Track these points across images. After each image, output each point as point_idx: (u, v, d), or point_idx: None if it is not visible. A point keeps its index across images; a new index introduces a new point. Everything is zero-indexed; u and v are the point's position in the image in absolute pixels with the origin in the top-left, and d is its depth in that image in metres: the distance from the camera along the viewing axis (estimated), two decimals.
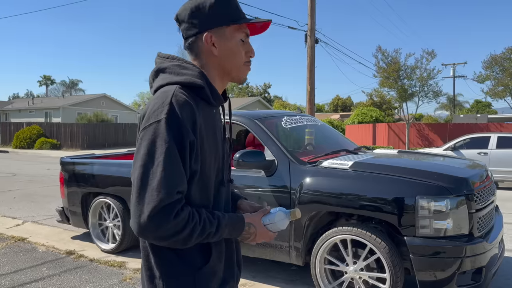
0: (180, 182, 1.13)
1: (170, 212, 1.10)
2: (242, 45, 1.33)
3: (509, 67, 19.93)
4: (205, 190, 1.26)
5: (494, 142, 11.28)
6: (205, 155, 1.23)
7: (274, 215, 1.38)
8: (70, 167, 5.21)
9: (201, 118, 1.22)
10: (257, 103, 41.41)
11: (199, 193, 1.24)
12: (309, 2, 14.60)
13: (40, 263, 4.47)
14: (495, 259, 3.31)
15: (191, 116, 1.17)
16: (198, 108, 1.22)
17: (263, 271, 4.22)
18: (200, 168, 1.22)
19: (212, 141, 1.27)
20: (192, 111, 1.18)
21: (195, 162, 1.19)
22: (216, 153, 1.30)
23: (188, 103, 1.18)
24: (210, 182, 1.28)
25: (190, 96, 1.22)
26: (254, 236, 1.34)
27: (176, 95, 1.19)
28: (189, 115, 1.17)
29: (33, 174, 13.01)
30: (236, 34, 1.31)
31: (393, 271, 3.11)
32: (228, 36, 1.30)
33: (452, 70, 38.07)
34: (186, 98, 1.19)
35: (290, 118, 4.37)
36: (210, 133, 1.27)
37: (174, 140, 1.13)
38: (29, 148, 27.63)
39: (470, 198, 3.11)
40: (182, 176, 1.14)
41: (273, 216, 1.38)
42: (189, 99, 1.20)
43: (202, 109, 1.24)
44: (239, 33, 1.32)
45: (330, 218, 3.59)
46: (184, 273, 1.22)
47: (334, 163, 3.54)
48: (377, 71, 22.07)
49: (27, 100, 47.67)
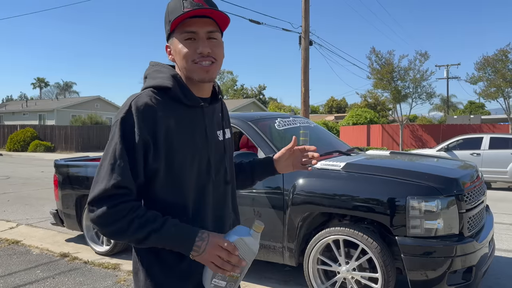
0: (122, 178, 1.19)
1: (107, 203, 1.18)
2: (190, 45, 1.29)
3: (501, 68, 20.11)
4: (178, 190, 1.28)
5: (486, 143, 11.39)
6: (173, 154, 1.26)
7: (235, 230, 1.23)
8: (64, 169, 5.21)
9: (172, 118, 1.27)
10: (252, 104, 41.45)
11: (170, 192, 1.27)
12: (303, 5, 14.68)
13: (34, 266, 4.47)
14: (485, 258, 3.35)
15: (150, 117, 1.22)
16: (166, 109, 1.26)
17: (257, 271, 4.24)
18: (169, 167, 1.26)
19: (188, 141, 1.29)
20: (151, 112, 1.23)
21: (154, 160, 1.24)
22: (195, 152, 1.30)
23: (147, 105, 1.24)
24: (185, 182, 1.28)
25: (159, 98, 1.27)
26: (203, 249, 1.18)
27: (137, 98, 1.25)
28: (147, 116, 1.22)
29: (27, 177, 12.96)
30: (179, 35, 1.30)
31: (385, 270, 3.14)
32: (175, 39, 1.31)
33: (446, 71, 38.35)
34: (148, 100, 1.25)
35: (283, 120, 4.40)
36: (186, 132, 1.29)
37: (123, 140, 1.21)
38: (23, 151, 27.51)
39: (460, 198, 3.16)
40: (125, 173, 1.20)
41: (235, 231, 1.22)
42: (153, 101, 1.25)
43: (174, 110, 1.28)
44: (181, 33, 1.29)
45: (323, 219, 3.62)
46: (159, 269, 1.28)
47: (327, 164, 3.58)
48: (371, 73, 22.19)
49: (20, 102, 47.41)
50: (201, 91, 1.36)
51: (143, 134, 1.21)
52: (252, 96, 55.34)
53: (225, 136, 1.45)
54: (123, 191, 1.20)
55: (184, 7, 1.25)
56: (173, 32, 1.31)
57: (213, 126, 1.39)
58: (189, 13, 1.24)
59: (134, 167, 1.22)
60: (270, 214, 3.61)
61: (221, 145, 1.42)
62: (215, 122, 1.41)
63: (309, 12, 14.74)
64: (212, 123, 1.40)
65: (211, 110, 1.41)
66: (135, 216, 1.19)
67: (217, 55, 1.32)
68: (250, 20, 14.89)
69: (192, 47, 1.28)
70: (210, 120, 1.38)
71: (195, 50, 1.28)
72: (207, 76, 1.30)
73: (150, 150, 1.23)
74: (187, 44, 1.28)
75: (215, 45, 1.31)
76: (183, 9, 1.25)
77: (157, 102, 1.26)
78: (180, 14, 1.24)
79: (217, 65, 1.33)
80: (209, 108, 1.39)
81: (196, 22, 1.27)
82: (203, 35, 1.29)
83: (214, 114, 1.42)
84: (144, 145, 1.22)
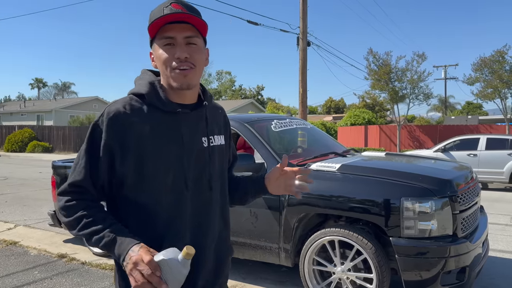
0: (80, 179, 1.28)
1: (64, 198, 1.29)
2: (169, 50, 1.29)
3: (498, 69, 20.18)
4: (149, 194, 1.30)
5: (483, 143, 11.45)
6: (144, 160, 1.28)
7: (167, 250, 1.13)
8: (61, 170, 5.23)
9: (147, 124, 1.30)
10: (250, 105, 41.47)
11: (140, 196, 1.30)
12: (301, 6, 14.72)
13: (32, 267, 4.49)
14: (479, 259, 3.39)
15: (119, 124, 1.27)
16: (142, 115, 1.30)
17: (253, 272, 4.27)
18: (138, 172, 1.29)
19: (162, 147, 1.30)
20: (121, 119, 1.28)
21: (121, 165, 1.29)
22: (168, 159, 1.31)
23: (117, 111, 1.28)
24: (156, 188, 1.30)
25: (138, 104, 1.32)
26: (131, 266, 1.14)
27: (110, 106, 1.31)
28: (116, 123, 1.27)
29: (25, 178, 12.97)
30: (159, 41, 1.31)
31: (380, 271, 3.18)
32: (155, 45, 1.33)
33: (444, 72, 38.43)
34: (120, 107, 1.29)
35: (279, 122, 4.43)
36: (160, 138, 1.31)
37: (89, 144, 1.30)
38: (21, 152, 27.49)
39: (454, 199, 3.20)
40: (84, 173, 1.28)
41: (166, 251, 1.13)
42: (126, 107, 1.29)
43: (150, 116, 1.31)
44: (161, 39, 1.30)
45: (318, 220, 3.65)
46: None
47: (322, 165, 3.61)
48: (368, 74, 22.24)
49: (18, 103, 47.35)
50: (182, 97, 1.36)
51: (108, 139, 1.27)
52: (250, 97, 55.37)
53: (210, 143, 1.42)
54: (79, 189, 1.29)
55: (164, 13, 1.27)
56: (154, 38, 1.33)
57: (194, 133, 1.38)
58: (165, 18, 1.26)
59: (94, 170, 1.29)
60: (266, 215, 3.64)
61: (204, 152, 1.39)
62: (199, 128, 1.40)
63: (307, 13, 14.78)
64: (194, 129, 1.38)
65: (194, 116, 1.39)
66: (84, 215, 1.26)
67: (196, 61, 1.31)
68: (248, 21, 14.92)
69: (171, 53, 1.29)
70: (191, 126, 1.37)
71: (173, 56, 1.28)
72: (185, 81, 1.30)
73: (117, 155, 1.28)
74: (166, 50, 1.29)
75: (194, 51, 1.31)
76: (163, 15, 1.27)
77: (133, 108, 1.30)
78: (156, 18, 1.26)
79: (196, 70, 1.32)
80: (191, 114, 1.37)
81: (174, 27, 1.28)
82: (181, 41, 1.29)
83: (200, 120, 1.41)
84: (109, 150, 1.28)
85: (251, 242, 3.74)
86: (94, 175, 1.29)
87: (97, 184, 1.30)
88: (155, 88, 1.34)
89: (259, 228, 3.69)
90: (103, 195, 1.34)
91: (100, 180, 1.30)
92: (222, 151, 1.49)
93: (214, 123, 1.48)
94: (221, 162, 1.48)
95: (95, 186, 1.30)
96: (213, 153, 1.43)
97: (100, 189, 1.31)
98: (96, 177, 1.29)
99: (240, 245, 3.78)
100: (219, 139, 1.48)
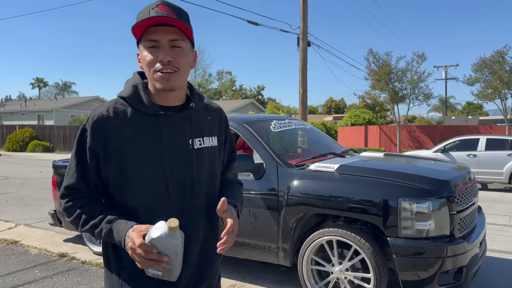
0: (72, 182, 1.36)
1: (64, 200, 1.37)
2: (153, 52, 1.30)
3: (498, 70, 20.19)
4: (132, 196, 1.34)
5: (483, 144, 11.46)
6: (125, 161, 1.32)
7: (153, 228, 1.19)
8: (62, 170, 5.25)
9: (129, 127, 1.32)
10: (251, 105, 41.49)
11: (124, 196, 1.35)
12: (302, 6, 14.73)
13: (32, 266, 4.52)
14: (476, 259, 3.41)
15: (101, 127, 1.32)
16: (125, 118, 1.33)
17: (252, 272, 4.30)
18: (120, 173, 1.33)
19: (143, 148, 1.32)
20: (103, 123, 1.32)
21: (104, 167, 1.34)
22: (149, 161, 1.32)
23: (100, 115, 1.33)
24: (139, 190, 1.33)
25: (123, 107, 1.35)
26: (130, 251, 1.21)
27: (95, 110, 1.37)
28: (99, 126, 1.32)
29: (26, 177, 13.00)
30: (144, 43, 1.31)
31: (377, 271, 3.20)
32: (141, 47, 1.33)
33: (444, 72, 38.41)
34: (103, 111, 1.33)
35: (279, 122, 4.46)
36: (142, 140, 1.33)
37: (77, 148, 1.37)
38: (21, 151, 27.52)
39: (451, 200, 3.22)
40: (75, 177, 1.35)
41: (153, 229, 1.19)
42: (109, 110, 1.33)
43: (133, 119, 1.34)
44: (146, 41, 1.31)
45: (317, 220, 3.68)
46: (115, 265, 1.38)
47: (321, 166, 3.64)
48: (369, 74, 22.25)
49: (19, 102, 47.39)
50: (167, 99, 1.37)
51: (93, 143, 1.33)
52: (250, 97, 55.38)
53: (197, 145, 1.40)
54: (74, 191, 1.36)
55: (149, 15, 1.27)
56: (140, 40, 1.33)
57: (178, 135, 1.37)
58: (149, 20, 1.26)
59: (85, 172, 1.35)
60: (265, 215, 3.67)
61: (190, 154, 1.38)
62: (185, 130, 1.39)
63: (307, 14, 14.80)
64: (179, 131, 1.37)
65: (179, 118, 1.38)
66: (82, 212, 1.33)
67: (180, 64, 1.31)
68: (249, 21, 14.95)
69: (155, 55, 1.29)
70: (175, 128, 1.36)
71: (157, 58, 1.29)
72: (168, 84, 1.30)
73: (100, 158, 1.33)
74: (150, 52, 1.30)
75: (178, 54, 1.30)
76: (148, 16, 1.27)
77: (116, 111, 1.33)
78: (141, 20, 1.26)
79: (180, 73, 1.32)
80: (175, 116, 1.36)
81: (158, 30, 1.28)
82: (165, 44, 1.29)
83: (186, 122, 1.39)
84: (94, 153, 1.33)
85: (250, 241, 3.77)
86: (85, 177, 1.35)
87: (90, 184, 1.36)
88: (138, 91, 1.36)
89: (258, 228, 3.71)
90: (98, 193, 1.39)
91: (92, 180, 1.36)
92: (213, 153, 1.47)
93: (203, 124, 1.45)
94: (211, 164, 1.46)
95: (88, 186, 1.36)
96: (200, 155, 1.41)
97: (94, 188, 1.37)
98: (88, 178, 1.35)
99: (239, 245, 3.81)
100: (209, 140, 1.46)
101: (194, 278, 1.40)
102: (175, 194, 1.35)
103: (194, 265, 1.40)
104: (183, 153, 1.37)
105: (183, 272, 1.28)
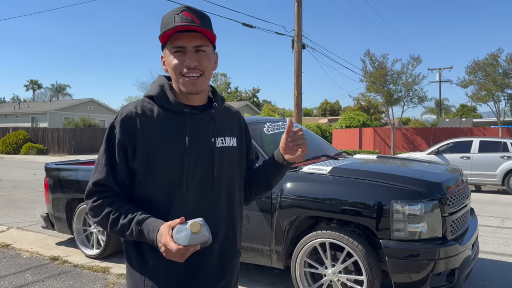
0: (101, 177, 1.37)
1: (91, 198, 1.38)
2: (179, 57, 1.36)
3: (491, 72, 20.32)
4: (160, 190, 1.37)
5: (476, 146, 11.52)
6: (149, 156, 1.35)
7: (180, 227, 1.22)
8: (54, 173, 5.23)
9: (156, 123, 1.38)
10: (246, 107, 41.51)
11: (153, 191, 1.37)
12: (296, 9, 14.77)
13: (24, 269, 4.48)
14: (468, 261, 3.42)
15: (130, 123, 1.36)
16: (152, 115, 1.39)
17: (246, 274, 4.28)
18: (148, 168, 1.36)
19: (167, 145, 1.37)
20: (132, 119, 1.36)
21: (132, 161, 1.37)
22: (172, 156, 1.36)
23: (129, 112, 1.38)
24: (169, 183, 1.36)
25: (150, 105, 1.41)
26: (163, 248, 1.23)
27: (124, 107, 1.41)
28: (128, 122, 1.36)
29: (19, 180, 12.91)
30: (169, 48, 1.38)
31: (370, 273, 3.20)
32: (166, 51, 1.40)
33: (438, 74, 38.60)
34: (132, 108, 1.39)
35: (272, 124, 4.46)
36: (167, 137, 1.37)
37: (107, 144, 1.39)
38: (15, 153, 27.35)
39: (443, 202, 3.23)
40: (105, 173, 1.37)
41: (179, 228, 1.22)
42: (137, 108, 1.39)
43: (159, 116, 1.39)
44: (171, 46, 1.37)
45: (310, 222, 3.68)
46: (137, 263, 1.40)
47: (314, 168, 3.64)
48: (364, 76, 22.30)
49: (13, 104, 47.10)
50: (191, 99, 1.43)
51: (121, 138, 1.36)
52: (246, 99, 55.41)
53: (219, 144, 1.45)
54: (102, 188, 1.37)
55: (174, 21, 1.33)
56: (166, 44, 1.39)
57: (202, 133, 1.42)
58: (175, 29, 1.32)
59: (114, 168, 1.37)
60: (258, 218, 3.66)
61: (213, 152, 1.42)
62: (209, 128, 1.44)
63: (301, 16, 14.84)
64: (203, 129, 1.43)
65: (203, 117, 1.44)
66: (110, 211, 1.34)
67: (205, 68, 1.38)
68: (243, 24, 14.96)
69: (181, 60, 1.35)
70: (199, 126, 1.42)
71: (183, 63, 1.35)
72: (194, 88, 1.37)
73: (128, 153, 1.36)
74: (176, 56, 1.36)
75: (202, 58, 1.37)
76: (174, 23, 1.33)
77: (144, 109, 1.39)
78: (167, 29, 1.33)
79: (205, 77, 1.39)
80: (199, 115, 1.43)
81: (184, 36, 1.35)
82: (191, 49, 1.35)
83: (209, 121, 1.45)
84: (122, 148, 1.36)
85: (243, 244, 3.76)
86: (114, 173, 1.37)
87: (118, 181, 1.38)
88: (164, 90, 1.42)
89: (251, 231, 3.70)
90: (126, 191, 1.40)
91: (121, 177, 1.38)
92: (233, 152, 1.52)
93: (225, 125, 1.52)
94: (232, 162, 1.50)
95: (117, 183, 1.38)
96: (222, 153, 1.46)
97: (122, 185, 1.39)
98: (117, 174, 1.37)
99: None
100: (230, 140, 1.52)
101: (214, 274, 1.43)
102: (195, 190, 1.39)
103: (214, 261, 1.43)
104: (206, 150, 1.42)
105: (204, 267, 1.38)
